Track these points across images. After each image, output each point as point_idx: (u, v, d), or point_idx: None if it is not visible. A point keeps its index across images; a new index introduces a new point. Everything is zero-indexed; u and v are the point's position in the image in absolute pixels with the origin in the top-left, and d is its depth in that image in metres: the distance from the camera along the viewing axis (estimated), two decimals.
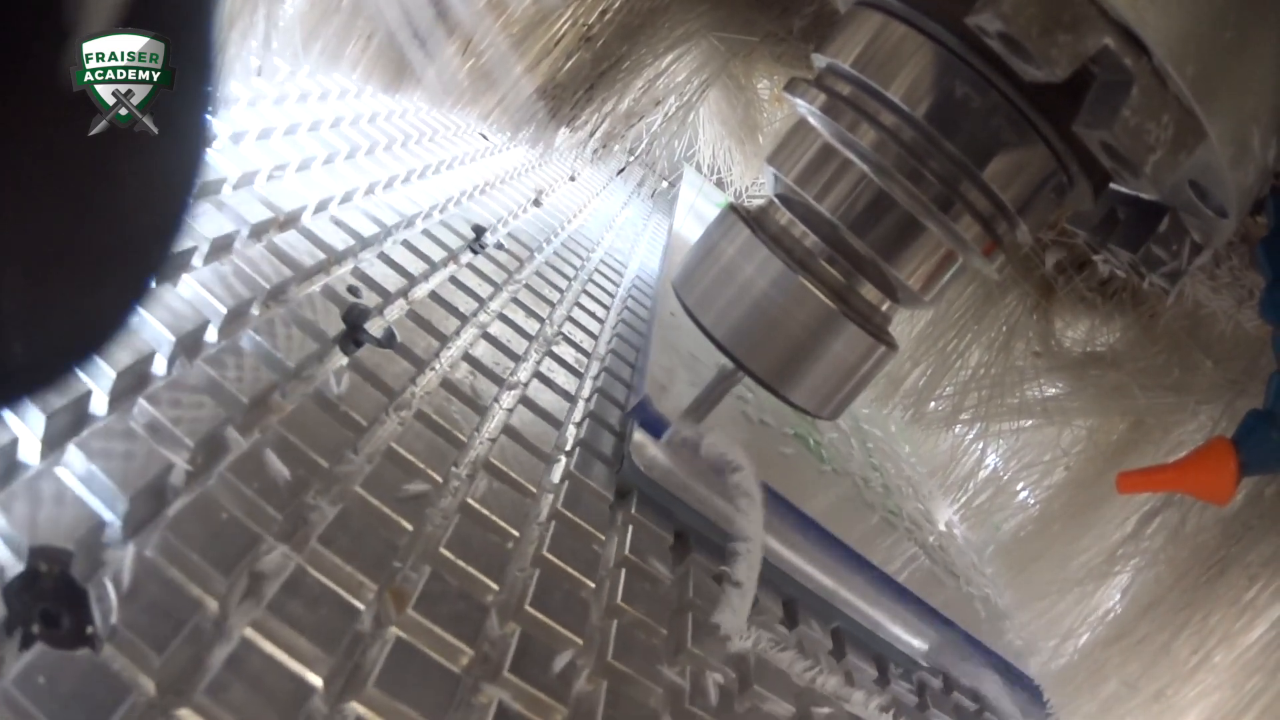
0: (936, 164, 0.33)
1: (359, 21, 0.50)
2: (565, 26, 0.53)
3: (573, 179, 1.08)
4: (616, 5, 0.53)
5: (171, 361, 0.36)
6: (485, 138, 0.88)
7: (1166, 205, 0.35)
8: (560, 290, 0.72)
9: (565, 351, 0.62)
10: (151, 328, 0.36)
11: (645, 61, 0.58)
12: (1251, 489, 0.48)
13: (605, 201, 1.12)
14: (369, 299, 0.49)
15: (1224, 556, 0.48)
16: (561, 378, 0.58)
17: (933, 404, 0.68)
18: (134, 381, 0.34)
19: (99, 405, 0.32)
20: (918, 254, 0.35)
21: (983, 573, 0.73)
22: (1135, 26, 0.25)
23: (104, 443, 0.30)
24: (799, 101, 0.36)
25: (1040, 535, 0.64)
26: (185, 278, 0.40)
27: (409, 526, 0.36)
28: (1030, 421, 0.65)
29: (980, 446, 0.73)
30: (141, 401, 0.32)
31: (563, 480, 0.47)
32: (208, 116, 0.22)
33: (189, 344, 0.38)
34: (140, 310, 0.37)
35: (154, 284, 0.37)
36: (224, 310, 0.40)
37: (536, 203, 0.83)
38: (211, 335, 0.40)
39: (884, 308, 0.38)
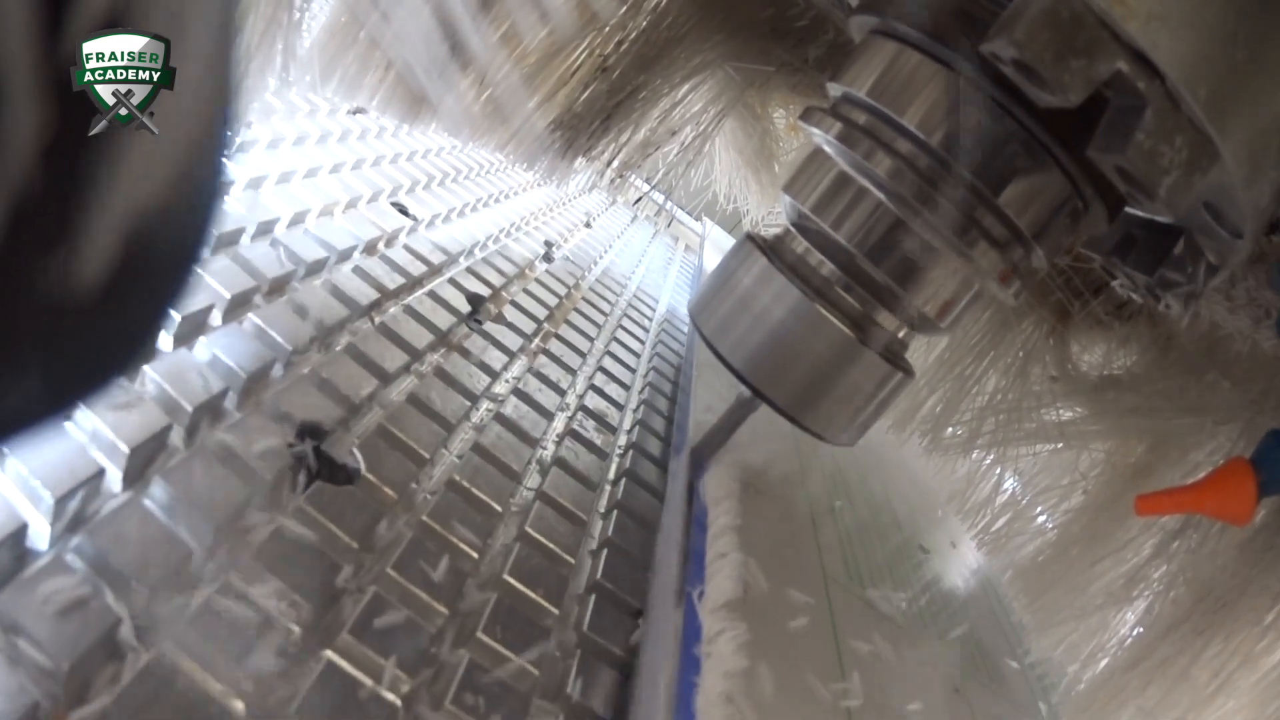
0: (952, 191, 0.33)
1: (377, 52, 0.50)
2: (581, 57, 0.53)
3: (588, 225, 1.04)
4: (632, 36, 0.53)
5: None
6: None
7: (1181, 227, 0.35)
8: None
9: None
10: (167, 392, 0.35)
11: (661, 92, 0.58)
12: (1272, 509, 0.48)
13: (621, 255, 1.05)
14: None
15: (1244, 578, 0.48)
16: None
17: (950, 429, 0.68)
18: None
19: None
20: (934, 281, 0.36)
21: None
22: (1148, 50, 0.25)
23: None
24: (815, 130, 0.36)
25: (1059, 559, 0.63)
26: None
27: None
28: (1048, 446, 0.65)
29: (998, 471, 0.73)
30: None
31: None
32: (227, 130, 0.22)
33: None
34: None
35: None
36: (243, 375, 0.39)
37: (548, 256, 0.81)
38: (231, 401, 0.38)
39: (901, 335, 0.38)
